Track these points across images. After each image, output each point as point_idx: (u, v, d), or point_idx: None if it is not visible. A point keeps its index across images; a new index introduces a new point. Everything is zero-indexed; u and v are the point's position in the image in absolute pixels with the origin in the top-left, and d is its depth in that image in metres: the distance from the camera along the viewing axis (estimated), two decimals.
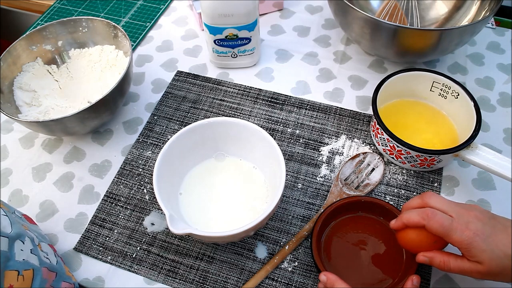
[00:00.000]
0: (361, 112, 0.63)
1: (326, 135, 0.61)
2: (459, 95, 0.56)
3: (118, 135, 0.63)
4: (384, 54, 0.66)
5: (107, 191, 0.57)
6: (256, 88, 0.67)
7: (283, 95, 0.66)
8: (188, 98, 0.66)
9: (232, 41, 0.64)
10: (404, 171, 0.57)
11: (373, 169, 0.56)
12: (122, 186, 0.57)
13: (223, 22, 0.61)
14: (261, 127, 0.51)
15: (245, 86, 0.67)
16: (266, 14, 0.79)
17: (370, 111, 0.61)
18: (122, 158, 0.60)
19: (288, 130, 0.62)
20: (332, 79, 0.68)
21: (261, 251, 0.51)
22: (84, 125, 0.57)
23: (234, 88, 0.67)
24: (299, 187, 0.56)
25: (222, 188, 0.54)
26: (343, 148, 0.59)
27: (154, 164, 0.53)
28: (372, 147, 0.59)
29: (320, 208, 0.54)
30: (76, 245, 0.52)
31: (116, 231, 0.53)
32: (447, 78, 0.57)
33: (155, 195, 0.45)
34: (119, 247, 0.52)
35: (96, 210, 0.55)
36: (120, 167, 0.59)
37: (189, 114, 0.65)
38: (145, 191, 0.57)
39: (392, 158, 0.56)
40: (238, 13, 0.60)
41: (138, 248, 0.52)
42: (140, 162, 0.60)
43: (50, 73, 0.66)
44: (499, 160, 0.50)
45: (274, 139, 0.52)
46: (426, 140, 0.56)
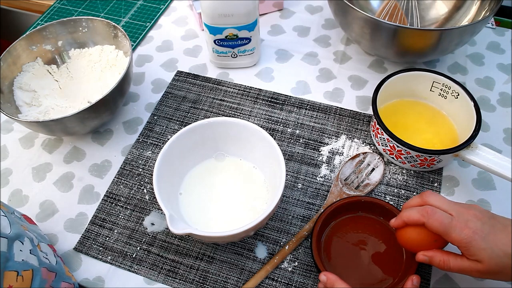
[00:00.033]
0: (361, 112, 0.63)
1: (326, 135, 0.61)
2: (459, 95, 0.56)
3: (118, 135, 0.63)
4: (384, 54, 0.66)
5: (107, 191, 0.57)
6: (256, 88, 0.67)
7: (283, 95, 0.66)
8: (188, 98, 0.66)
9: (232, 41, 0.64)
10: (404, 171, 0.57)
11: (373, 169, 0.56)
12: (122, 186, 0.57)
13: (223, 22, 0.61)
14: (261, 127, 0.51)
15: (245, 86, 0.67)
16: (266, 14, 0.79)
17: (370, 111, 0.61)
18: (122, 158, 0.60)
19: (288, 130, 0.62)
20: (332, 79, 0.68)
21: (261, 251, 0.51)
22: (84, 125, 0.57)
23: (234, 88, 0.67)
24: (299, 187, 0.56)
25: (222, 188, 0.54)
26: (343, 148, 0.59)
27: (154, 164, 0.53)
28: (372, 147, 0.59)
29: (320, 208, 0.54)
30: (76, 245, 0.53)
31: (116, 231, 0.53)
32: (447, 78, 0.57)
33: (155, 195, 0.45)
34: (119, 247, 0.52)
35: (96, 210, 0.55)
36: (120, 167, 0.59)
37: (189, 114, 0.65)
38: (145, 191, 0.57)
39: (392, 158, 0.56)
40: (238, 13, 0.60)
41: (138, 248, 0.52)
42: (140, 162, 0.60)
43: (50, 73, 0.66)
44: (499, 160, 0.50)
45: (274, 139, 0.52)
46: (426, 140, 0.56)
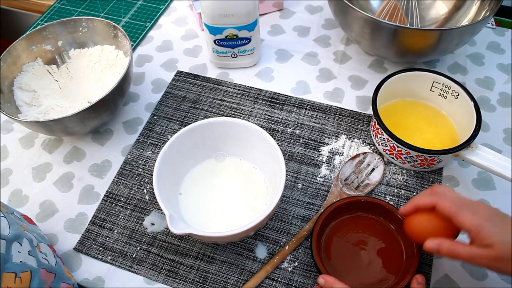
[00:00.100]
0: (361, 112, 0.63)
1: (326, 135, 0.61)
2: (459, 95, 0.56)
3: (118, 135, 0.63)
4: (384, 54, 0.66)
5: (107, 191, 0.57)
6: (256, 88, 0.67)
7: (283, 95, 0.66)
8: (188, 98, 0.66)
9: (232, 41, 0.64)
10: (404, 171, 0.57)
11: (373, 169, 0.56)
12: (122, 186, 0.57)
13: (223, 22, 0.61)
14: (261, 127, 0.51)
15: (245, 86, 0.67)
16: (266, 14, 0.79)
17: (370, 111, 0.61)
18: (122, 158, 0.60)
19: (288, 130, 0.62)
20: (332, 79, 0.68)
21: (261, 251, 0.51)
22: (84, 125, 0.57)
23: (234, 88, 0.67)
24: (299, 187, 0.56)
25: (222, 188, 0.54)
26: (343, 148, 0.59)
27: (154, 164, 0.53)
28: (372, 147, 0.59)
29: (320, 208, 0.54)
30: (76, 245, 0.53)
31: (116, 231, 0.53)
32: (447, 78, 0.56)
33: (155, 195, 0.45)
34: (119, 247, 0.52)
35: (96, 210, 0.55)
36: (120, 167, 0.59)
37: (189, 114, 0.65)
38: (145, 191, 0.57)
39: (392, 158, 0.56)
40: (238, 13, 0.60)
41: (138, 248, 0.52)
42: (140, 162, 0.60)
43: (50, 73, 0.66)
44: (499, 160, 0.50)
45: (274, 139, 0.52)
46: (426, 140, 0.56)
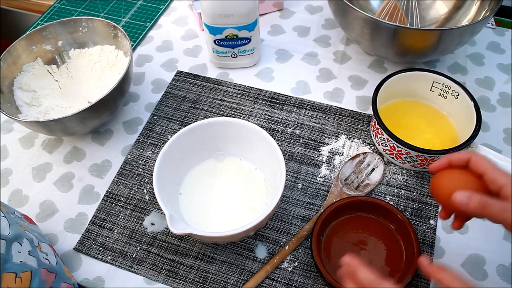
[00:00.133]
0: (361, 112, 0.63)
1: (326, 135, 0.61)
2: (459, 95, 0.56)
3: (118, 135, 0.63)
4: (384, 54, 0.66)
5: (107, 191, 0.57)
6: (256, 88, 0.67)
7: (283, 95, 0.66)
8: (188, 98, 0.66)
9: (232, 41, 0.64)
10: (404, 171, 0.57)
11: (373, 169, 0.56)
12: (122, 186, 0.57)
13: (223, 22, 0.61)
14: (261, 127, 0.51)
15: (245, 86, 0.67)
16: (266, 14, 0.79)
17: (370, 111, 0.61)
18: (122, 158, 0.60)
19: (288, 130, 0.62)
20: (332, 79, 0.68)
21: (261, 251, 0.51)
22: (84, 125, 0.57)
23: (234, 88, 0.67)
24: (299, 187, 0.56)
25: (222, 188, 0.54)
26: (343, 148, 0.59)
27: (154, 164, 0.53)
28: (372, 147, 0.59)
29: (320, 208, 0.54)
30: (76, 245, 0.52)
31: (116, 231, 0.53)
32: (447, 78, 0.56)
33: (155, 195, 0.45)
34: (119, 247, 0.52)
35: (96, 210, 0.55)
36: (120, 167, 0.59)
37: (189, 114, 0.65)
38: (145, 191, 0.57)
39: (392, 158, 0.56)
40: (238, 13, 0.60)
41: (138, 248, 0.52)
42: (140, 162, 0.60)
43: (50, 73, 0.66)
44: (499, 160, 0.50)
45: (274, 139, 0.52)
46: (426, 140, 0.56)
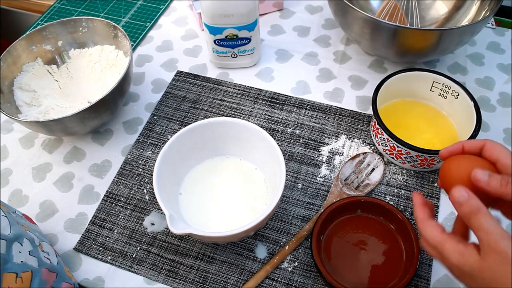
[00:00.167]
0: (361, 112, 0.63)
1: (326, 135, 0.61)
2: (459, 95, 0.56)
3: (118, 135, 0.63)
4: (384, 54, 0.66)
5: (107, 191, 0.57)
6: (256, 88, 0.67)
7: (283, 95, 0.66)
8: (188, 98, 0.66)
9: (232, 41, 0.64)
10: (404, 171, 0.57)
11: (373, 169, 0.56)
12: (122, 186, 0.57)
13: (223, 22, 0.61)
14: (261, 127, 0.51)
15: (245, 86, 0.67)
16: (266, 14, 0.79)
17: (370, 111, 0.61)
18: (122, 158, 0.60)
19: (288, 130, 0.62)
20: (332, 79, 0.68)
21: (261, 251, 0.51)
22: (84, 125, 0.57)
23: (234, 88, 0.67)
24: (299, 187, 0.56)
25: (222, 188, 0.54)
26: (343, 148, 0.59)
27: (154, 164, 0.53)
28: (372, 147, 0.59)
29: (320, 208, 0.54)
30: (76, 245, 0.52)
31: (116, 231, 0.53)
32: (447, 78, 0.56)
33: (155, 195, 0.45)
34: (119, 247, 0.52)
35: (96, 210, 0.55)
36: (120, 167, 0.59)
37: (189, 114, 0.65)
38: (145, 191, 0.57)
39: (392, 158, 0.56)
40: (238, 13, 0.60)
41: (138, 248, 0.52)
42: (140, 162, 0.60)
43: (50, 73, 0.66)
44: None
45: (274, 139, 0.52)
46: (426, 140, 0.56)
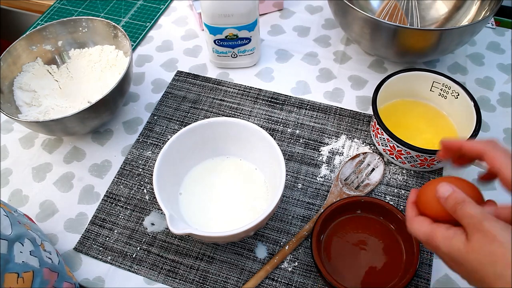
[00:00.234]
0: (361, 112, 0.63)
1: (326, 135, 0.61)
2: (459, 95, 0.56)
3: (118, 135, 0.63)
4: (384, 54, 0.66)
5: (107, 191, 0.57)
6: (256, 88, 0.67)
7: (283, 95, 0.66)
8: (188, 98, 0.66)
9: (232, 41, 0.64)
10: (404, 171, 0.57)
11: (373, 169, 0.56)
12: (122, 186, 0.57)
13: (223, 22, 0.61)
14: (261, 127, 0.51)
15: (245, 86, 0.67)
16: (266, 14, 0.79)
17: (370, 111, 0.61)
18: (122, 158, 0.60)
19: (288, 130, 0.62)
20: (332, 79, 0.68)
21: (261, 251, 0.51)
22: (84, 125, 0.57)
23: (234, 88, 0.67)
24: (299, 187, 0.56)
25: (222, 188, 0.54)
26: (343, 148, 0.59)
27: (154, 164, 0.53)
28: (372, 147, 0.59)
29: (320, 208, 0.54)
30: (76, 245, 0.52)
31: (116, 231, 0.53)
32: (447, 78, 0.56)
33: (155, 195, 0.45)
34: (119, 247, 0.52)
35: (96, 210, 0.55)
36: (120, 167, 0.59)
37: (189, 114, 0.65)
38: (145, 191, 0.57)
39: (392, 158, 0.56)
40: (238, 13, 0.60)
41: (138, 248, 0.52)
42: (140, 162, 0.60)
43: (50, 73, 0.66)
44: None
45: (274, 139, 0.52)
46: (426, 140, 0.56)
